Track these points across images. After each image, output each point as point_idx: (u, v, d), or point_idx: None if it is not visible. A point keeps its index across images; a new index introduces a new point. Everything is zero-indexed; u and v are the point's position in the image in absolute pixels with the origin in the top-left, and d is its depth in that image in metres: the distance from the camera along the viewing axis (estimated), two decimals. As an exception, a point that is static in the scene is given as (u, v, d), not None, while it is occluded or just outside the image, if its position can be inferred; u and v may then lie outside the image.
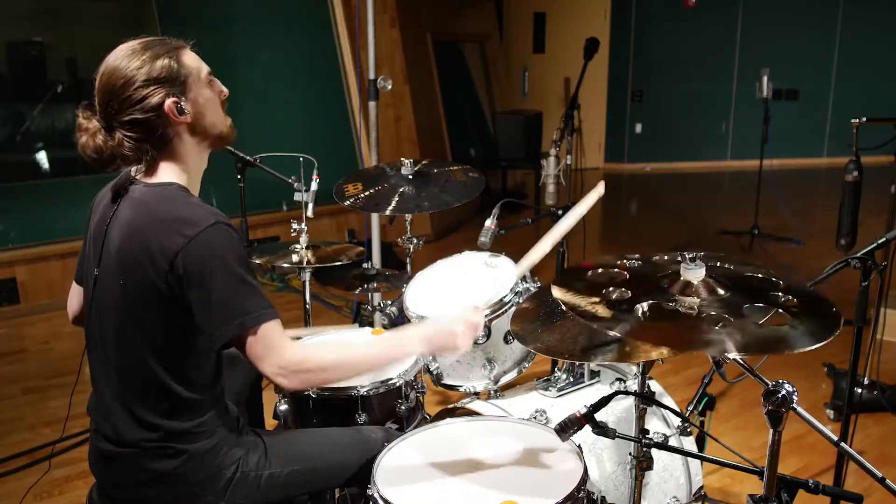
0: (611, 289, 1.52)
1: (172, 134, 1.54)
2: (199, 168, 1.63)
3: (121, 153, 1.51)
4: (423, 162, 2.73)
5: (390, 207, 2.52)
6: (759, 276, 1.55)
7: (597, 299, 1.48)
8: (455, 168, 2.74)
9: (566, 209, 2.64)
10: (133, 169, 1.57)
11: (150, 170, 1.56)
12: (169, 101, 1.49)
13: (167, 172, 1.56)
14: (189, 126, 1.55)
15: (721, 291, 1.45)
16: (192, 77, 1.54)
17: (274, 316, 1.48)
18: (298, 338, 2.28)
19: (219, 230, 1.46)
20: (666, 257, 1.66)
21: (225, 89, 1.63)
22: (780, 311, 1.37)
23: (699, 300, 1.42)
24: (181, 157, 1.57)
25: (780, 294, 1.44)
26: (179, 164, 1.57)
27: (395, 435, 1.78)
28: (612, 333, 1.37)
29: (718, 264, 1.58)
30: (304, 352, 1.51)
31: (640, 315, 1.40)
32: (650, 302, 1.43)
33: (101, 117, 1.51)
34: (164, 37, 1.55)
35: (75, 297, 1.79)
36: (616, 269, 1.61)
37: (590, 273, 1.58)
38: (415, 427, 2.06)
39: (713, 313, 1.37)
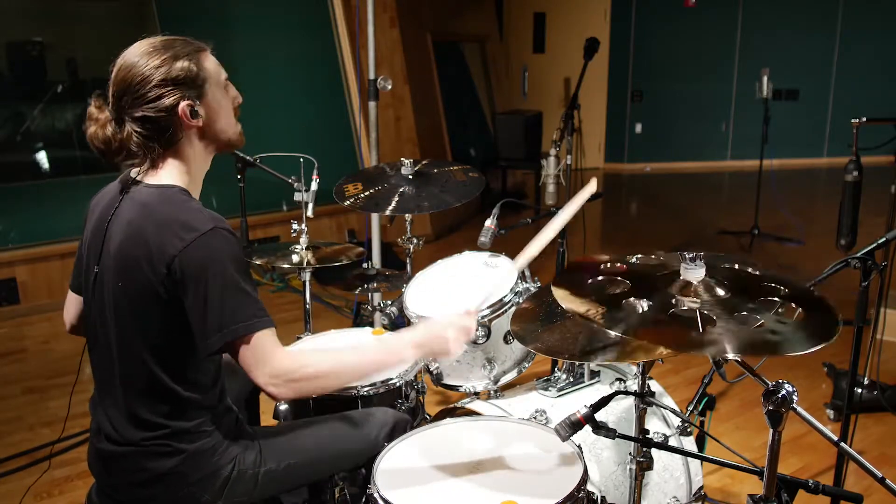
0: (611, 288, 1.51)
1: (182, 135, 1.53)
2: (202, 170, 1.62)
3: (128, 147, 1.50)
4: (423, 162, 2.73)
5: (390, 207, 2.51)
6: (757, 274, 1.54)
7: (597, 299, 1.48)
8: (455, 168, 2.73)
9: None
10: (135, 169, 1.56)
11: (153, 169, 1.55)
12: (183, 104, 1.49)
13: (170, 173, 1.55)
14: (199, 130, 1.55)
15: (720, 292, 1.45)
16: (210, 82, 1.54)
17: (268, 324, 1.46)
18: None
19: (217, 235, 1.45)
20: (662, 257, 1.65)
21: (239, 96, 1.63)
22: (780, 311, 1.37)
23: (699, 300, 1.42)
24: (186, 158, 1.56)
25: (779, 293, 1.44)
26: (183, 165, 1.56)
27: (396, 416, 1.78)
28: (612, 334, 1.36)
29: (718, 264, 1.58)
30: (297, 360, 1.50)
31: (640, 315, 1.40)
32: (650, 303, 1.42)
33: (113, 109, 1.50)
34: (186, 37, 1.54)
35: (72, 306, 1.77)
36: (616, 270, 1.61)
37: (590, 281, 1.58)
38: (415, 427, 2.06)
39: (713, 314, 1.37)
